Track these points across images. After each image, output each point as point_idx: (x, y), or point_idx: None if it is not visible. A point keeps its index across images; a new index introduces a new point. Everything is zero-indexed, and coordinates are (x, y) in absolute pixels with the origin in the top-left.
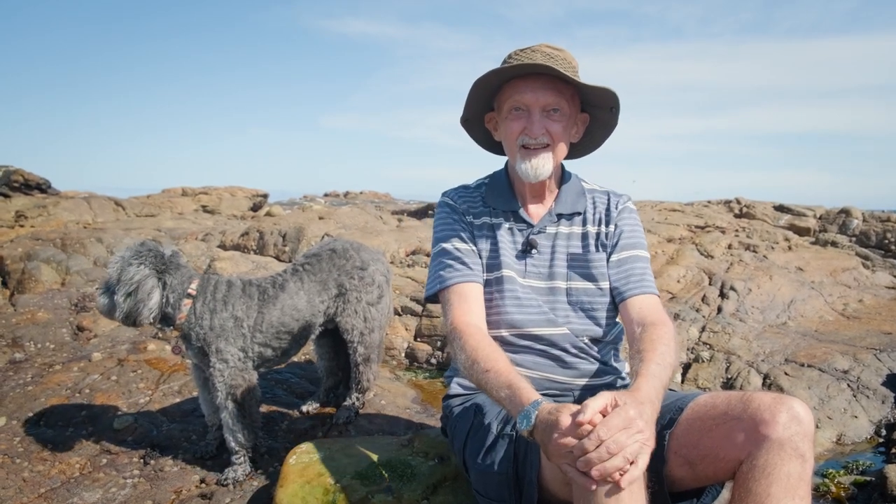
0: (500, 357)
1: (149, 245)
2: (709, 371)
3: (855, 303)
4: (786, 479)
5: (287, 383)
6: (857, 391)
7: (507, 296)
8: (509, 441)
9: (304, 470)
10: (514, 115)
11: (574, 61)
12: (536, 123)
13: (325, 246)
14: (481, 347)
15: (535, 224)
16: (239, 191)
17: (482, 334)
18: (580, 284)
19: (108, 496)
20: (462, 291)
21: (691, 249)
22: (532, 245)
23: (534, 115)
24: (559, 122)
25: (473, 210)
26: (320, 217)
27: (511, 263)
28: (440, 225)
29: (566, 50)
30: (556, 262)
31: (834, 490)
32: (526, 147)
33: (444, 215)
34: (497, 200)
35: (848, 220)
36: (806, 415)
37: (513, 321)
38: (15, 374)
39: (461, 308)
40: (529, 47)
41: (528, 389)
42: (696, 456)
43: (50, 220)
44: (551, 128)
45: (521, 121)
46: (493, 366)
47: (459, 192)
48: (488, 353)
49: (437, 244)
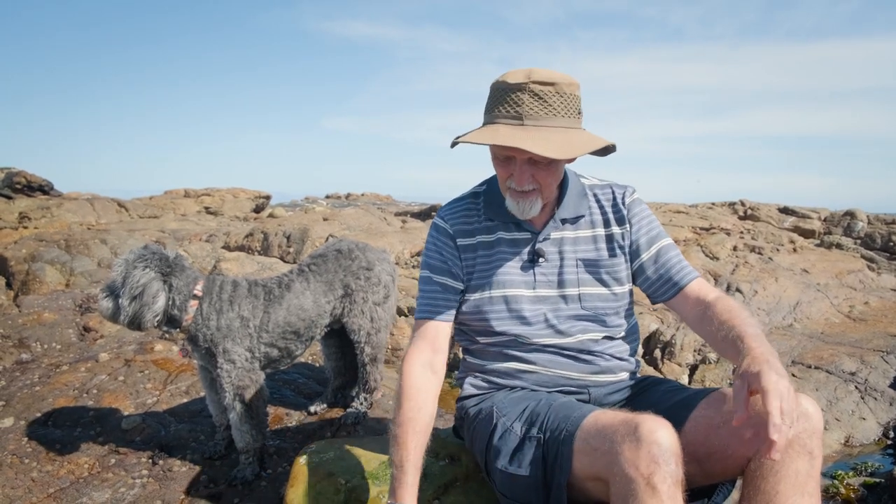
0: (411, 428)
1: (152, 248)
2: (716, 372)
3: (861, 305)
4: (794, 476)
5: (295, 384)
6: (864, 393)
7: (513, 315)
8: (537, 444)
9: (315, 470)
10: (500, 162)
11: (569, 90)
12: (524, 174)
13: (331, 246)
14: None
15: (540, 231)
16: (241, 192)
17: (415, 390)
18: (594, 290)
19: (117, 496)
20: (427, 330)
21: (696, 251)
22: (539, 254)
23: (520, 166)
24: (546, 169)
25: (470, 226)
26: (325, 218)
27: (516, 279)
28: (430, 250)
29: (562, 77)
30: (565, 268)
31: (843, 491)
32: (513, 190)
33: (433, 240)
34: (497, 211)
35: (853, 223)
36: (814, 411)
37: (519, 334)
38: (22, 375)
39: (417, 347)
40: (517, 90)
41: (408, 486)
42: (704, 453)
43: (54, 222)
44: (538, 175)
45: (507, 168)
46: (401, 433)
47: (453, 208)
48: (406, 416)
49: (423, 269)
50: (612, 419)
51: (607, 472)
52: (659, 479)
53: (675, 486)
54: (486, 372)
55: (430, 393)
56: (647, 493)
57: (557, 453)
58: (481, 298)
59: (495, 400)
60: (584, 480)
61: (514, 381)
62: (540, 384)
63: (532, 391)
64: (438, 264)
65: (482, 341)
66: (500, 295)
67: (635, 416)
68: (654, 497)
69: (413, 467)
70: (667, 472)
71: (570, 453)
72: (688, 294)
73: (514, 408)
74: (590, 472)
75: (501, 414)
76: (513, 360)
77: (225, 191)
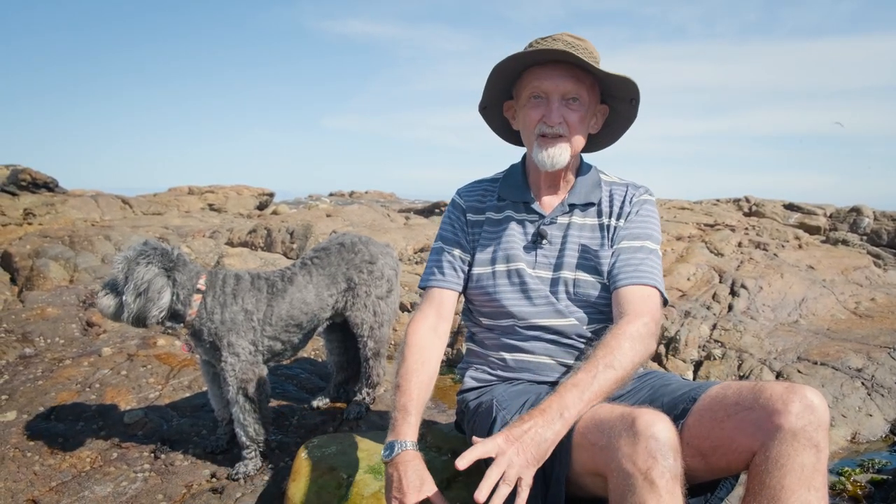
0: (415, 378)
1: (153, 244)
2: (720, 368)
3: (867, 301)
4: (800, 470)
5: (297, 379)
6: (871, 389)
7: (516, 289)
8: None
9: (317, 464)
10: (533, 103)
11: (596, 52)
12: (555, 111)
13: (334, 240)
14: (409, 359)
15: (547, 215)
16: (245, 189)
17: (419, 347)
18: (587, 277)
19: (119, 490)
20: (432, 296)
21: (701, 247)
22: (542, 235)
23: (553, 103)
24: (577, 111)
25: (482, 204)
26: (328, 215)
27: (521, 255)
28: (444, 223)
29: (588, 40)
30: (566, 252)
31: (850, 488)
32: (543, 136)
33: (449, 213)
34: (510, 192)
35: (859, 219)
36: (820, 404)
37: (521, 313)
38: (25, 369)
39: (422, 312)
40: (551, 36)
41: (410, 425)
42: (708, 447)
43: (58, 218)
44: (569, 117)
45: (539, 108)
46: (404, 382)
47: (472, 186)
48: (410, 367)
49: (437, 241)
50: (609, 413)
51: (605, 467)
52: (657, 474)
53: (673, 481)
54: (486, 364)
55: (434, 351)
56: (645, 488)
57: (558, 447)
58: (486, 272)
59: (495, 393)
60: (583, 475)
61: (513, 373)
62: (539, 373)
63: (532, 384)
64: (450, 236)
65: (485, 323)
66: (504, 269)
67: (633, 411)
68: (653, 492)
69: (416, 409)
70: (665, 467)
71: (569, 448)
72: (617, 297)
73: (514, 401)
74: (588, 466)
75: (501, 407)
76: (512, 350)
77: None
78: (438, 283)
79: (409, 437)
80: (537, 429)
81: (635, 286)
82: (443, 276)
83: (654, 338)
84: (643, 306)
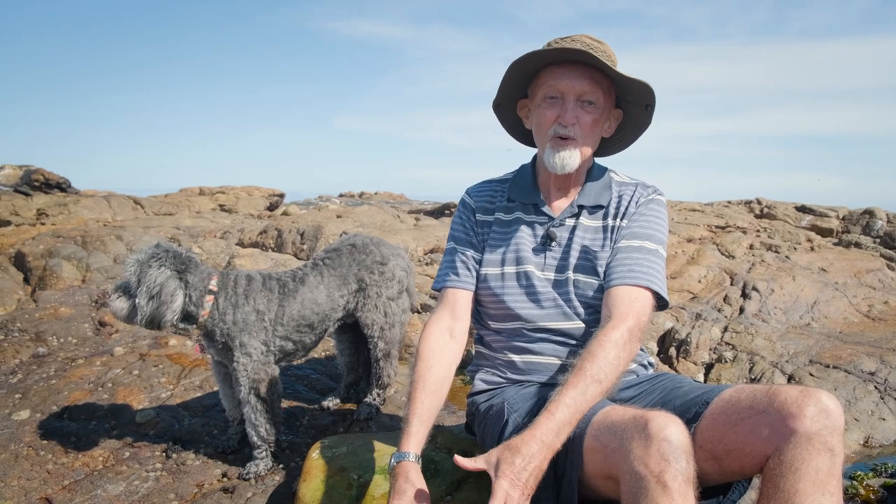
0: (420, 385)
1: (164, 245)
2: (732, 371)
3: (880, 304)
4: (814, 474)
5: (308, 379)
6: (884, 393)
7: (524, 291)
8: None
9: (328, 465)
10: (548, 103)
11: (614, 56)
12: (569, 111)
13: (346, 241)
14: (417, 365)
15: (556, 217)
16: (256, 190)
17: (428, 352)
18: (586, 278)
19: (131, 489)
20: (447, 297)
21: (712, 249)
22: (551, 238)
23: (568, 104)
24: (592, 114)
25: (491, 205)
26: (338, 216)
27: (530, 257)
28: (455, 223)
29: (607, 43)
30: (570, 254)
31: (863, 492)
32: (558, 137)
33: (459, 213)
34: (520, 193)
35: (872, 221)
36: (835, 407)
37: (529, 316)
38: (38, 368)
39: (437, 315)
40: (570, 36)
41: (411, 435)
42: (721, 451)
43: (71, 218)
44: (582, 119)
45: (554, 109)
46: (412, 391)
47: (481, 186)
48: (418, 374)
49: (449, 242)
50: (621, 416)
51: (617, 469)
52: (670, 477)
53: (686, 484)
54: (496, 366)
55: (445, 354)
56: (657, 490)
57: (568, 450)
58: (495, 273)
59: (506, 395)
60: (595, 478)
61: (523, 375)
62: (549, 375)
63: (542, 386)
64: (462, 236)
65: (492, 326)
66: (513, 271)
67: (645, 413)
68: (666, 495)
69: (418, 420)
70: (678, 470)
71: (581, 450)
72: (606, 297)
73: (525, 403)
74: (600, 469)
75: (512, 409)
76: (521, 352)
77: (239, 189)
78: (453, 283)
79: (408, 448)
80: (532, 461)
81: (625, 286)
82: (457, 277)
83: (637, 341)
84: (629, 308)
